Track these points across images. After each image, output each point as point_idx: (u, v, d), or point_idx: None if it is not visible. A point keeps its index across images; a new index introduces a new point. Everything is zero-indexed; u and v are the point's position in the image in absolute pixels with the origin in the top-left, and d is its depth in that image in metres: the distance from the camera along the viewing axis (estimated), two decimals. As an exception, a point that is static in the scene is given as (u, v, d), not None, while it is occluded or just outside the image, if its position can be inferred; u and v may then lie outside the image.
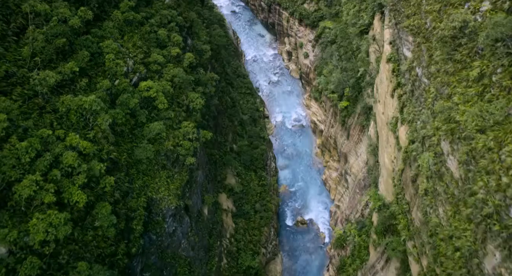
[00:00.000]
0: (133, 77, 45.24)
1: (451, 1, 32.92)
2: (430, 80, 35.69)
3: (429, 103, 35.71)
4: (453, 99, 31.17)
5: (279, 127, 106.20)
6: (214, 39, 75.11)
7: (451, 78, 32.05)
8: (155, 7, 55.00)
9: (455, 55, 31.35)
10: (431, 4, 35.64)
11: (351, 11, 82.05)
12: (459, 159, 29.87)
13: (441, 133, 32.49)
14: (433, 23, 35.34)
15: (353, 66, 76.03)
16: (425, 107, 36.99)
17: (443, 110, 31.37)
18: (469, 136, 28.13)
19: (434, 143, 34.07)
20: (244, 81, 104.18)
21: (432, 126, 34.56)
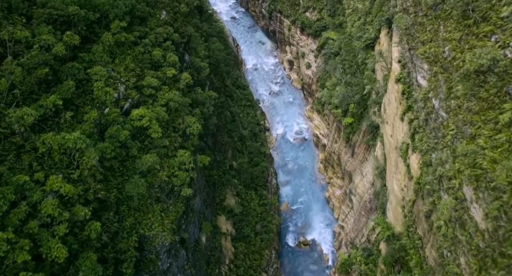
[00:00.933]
0: (125, 104, 41.91)
1: (474, 31, 29.59)
2: (449, 114, 32.36)
3: (448, 140, 32.36)
4: (478, 142, 27.84)
5: (280, 140, 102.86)
6: (213, 53, 71.82)
7: (475, 117, 28.71)
8: (150, 25, 51.68)
9: (480, 93, 28.03)
10: (450, 32, 32.33)
11: (356, 23, 78.73)
12: (486, 211, 26.57)
13: (463, 178, 29.17)
14: (452, 53, 32.01)
15: (358, 82, 72.71)
16: (442, 142, 33.66)
17: (467, 153, 28.03)
18: (500, 188, 24.82)
19: (455, 186, 30.74)
20: (244, 92, 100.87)
21: (452, 167, 31.23)
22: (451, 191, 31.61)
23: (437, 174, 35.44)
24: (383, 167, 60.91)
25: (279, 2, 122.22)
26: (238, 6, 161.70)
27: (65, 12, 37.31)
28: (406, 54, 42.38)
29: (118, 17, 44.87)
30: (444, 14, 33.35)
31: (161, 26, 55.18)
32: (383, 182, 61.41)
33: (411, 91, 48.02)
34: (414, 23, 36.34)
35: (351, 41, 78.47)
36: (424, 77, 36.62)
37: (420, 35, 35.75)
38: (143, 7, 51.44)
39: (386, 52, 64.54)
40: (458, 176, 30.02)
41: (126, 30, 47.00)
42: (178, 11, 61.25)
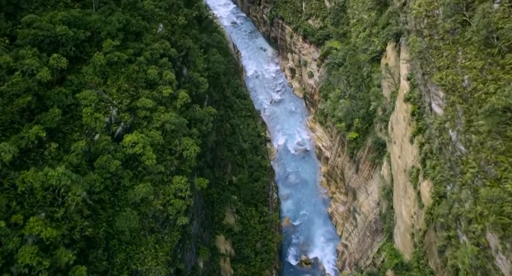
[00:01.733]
0: (117, 128, 39.07)
1: (498, 61, 26.79)
2: (469, 150, 29.53)
3: (467, 177, 29.51)
4: (505, 187, 25.04)
5: (281, 151, 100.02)
6: (212, 65, 69.01)
7: (500, 157, 25.90)
8: (146, 40, 48.84)
9: (507, 131, 25.23)
10: (470, 60, 29.54)
11: (361, 34, 75.90)
12: (514, 265, 23.80)
13: (487, 224, 26.38)
14: (473, 83, 29.20)
15: (364, 96, 69.90)
16: (461, 179, 30.81)
17: (492, 199, 25.21)
18: (532, 244, 22.05)
19: (476, 231, 27.92)
20: (244, 102, 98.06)
21: (473, 209, 28.40)
22: (471, 234, 28.80)
23: (454, 211, 32.63)
24: (390, 188, 58.09)
25: (281, 9, 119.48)
26: (239, 11, 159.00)
27: (52, 32, 34.47)
28: (418, 76, 39.57)
29: (111, 34, 42.03)
30: (463, 39, 30.56)
31: (158, 40, 52.39)
32: (389, 204, 58.59)
33: (422, 112, 45.30)
34: (429, 47, 33.57)
35: (355, 53, 75.67)
36: (440, 105, 33.82)
37: (436, 60, 32.94)
38: (139, 22, 48.64)
39: (393, 67, 61.78)
40: (481, 220, 27.20)
41: (120, 48, 44.17)
42: (176, 23, 58.47)
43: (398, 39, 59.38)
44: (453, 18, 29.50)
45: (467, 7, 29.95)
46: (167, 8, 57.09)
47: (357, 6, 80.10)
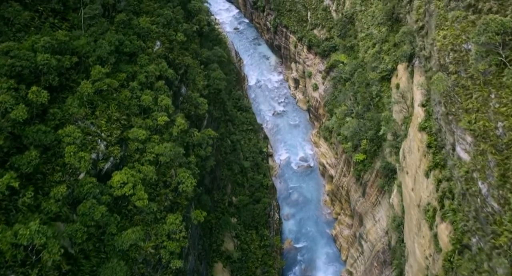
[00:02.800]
0: (105, 164, 35.32)
1: (544, 111, 22.96)
2: (505, 209, 25.74)
3: (502, 241, 25.71)
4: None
5: (283, 167, 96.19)
6: (213, 82, 65.21)
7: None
8: (141, 61, 45.05)
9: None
10: (506, 105, 25.77)
11: (370, 50, 72.01)
12: None
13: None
14: (509, 133, 25.39)
15: (372, 116, 66.04)
16: (493, 241, 27.00)
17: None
18: None
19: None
20: (246, 115, 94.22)
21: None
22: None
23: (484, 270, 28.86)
24: (401, 220, 54.28)
25: (285, 17, 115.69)
26: (242, 17, 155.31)
27: (32, 62, 30.73)
28: (440, 112, 35.72)
29: (102, 58, 38.25)
30: (497, 81, 26.76)
31: (154, 60, 48.64)
32: (400, 237, 54.77)
33: (440, 146, 41.54)
34: (455, 85, 29.78)
35: (364, 70, 71.80)
36: (466, 150, 30.00)
37: (463, 101, 29.13)
38: (133, 42, 44.87)
39: (405, 89, 57.96)
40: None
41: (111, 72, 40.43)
42: (175, 39, 54.70)
43: (411, 59, 55.58)
44: (488, 59, 25.67)
45: (503, 45, 26.14)
46: (165, 24, 53.33)
47: (366, 20, 76.25)
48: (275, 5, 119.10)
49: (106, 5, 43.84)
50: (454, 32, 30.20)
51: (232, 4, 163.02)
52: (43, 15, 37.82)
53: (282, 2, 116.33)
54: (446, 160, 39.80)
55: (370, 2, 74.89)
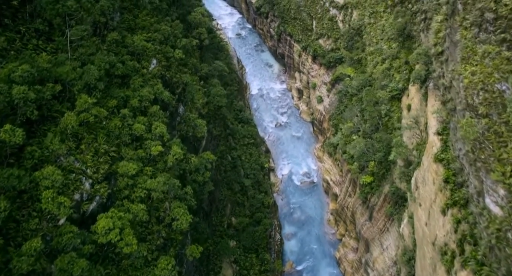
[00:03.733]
0: (89, 206, 31.76)
1: None
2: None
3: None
4: None
5: (285, 182, 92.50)
6: (213, 99, 61.62)
7: None
8: (134, 84, 41.50)
9: None
10: (550, 161, 22.19)
11: (379, 66, 68.34)
12: None
13: None
14: (555, 195, 21.78)
15: (381, 137, 62.35)
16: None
17: None
18: None
19: None
20: (248, 129, 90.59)
21: None
22: None
23: None
24: (412, 254, 50.62)
25: (290, 25, 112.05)
26: (245, 22, 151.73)
27: (5, 96, 27.19)
28: (464, 154, 32.09)
29: (89, 84, 34.68)
30: (538, 130, 23.17)
31: (150, 80, 45.11)
32: (411, 273, 51.10)
33: (460, 184, 37.94)
34: (486, 129, 26.19)
35: (373, 88, 68.10)
36: (499, 204, 26.38)
37: (496, 149, 25.51)
38: (126, 62, 41.34)
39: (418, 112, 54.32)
40: None
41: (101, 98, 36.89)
42: (172, 56, 51.14)
43: (425, 80, 51.92)
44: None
45: (547, 90, 22.53)
46: (162, 40, 49.82)
47: (374, 33, 72.59)
48: (279, 12, 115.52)
49: (97, 23, 40.27)
50: (485, 69, 26.56)
51: (235, 9, 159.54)
52: (25, 37, 34.26)
53: (286, 10, 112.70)
54: (467, 200, 36.30)
55: (379, 15, 71.21)
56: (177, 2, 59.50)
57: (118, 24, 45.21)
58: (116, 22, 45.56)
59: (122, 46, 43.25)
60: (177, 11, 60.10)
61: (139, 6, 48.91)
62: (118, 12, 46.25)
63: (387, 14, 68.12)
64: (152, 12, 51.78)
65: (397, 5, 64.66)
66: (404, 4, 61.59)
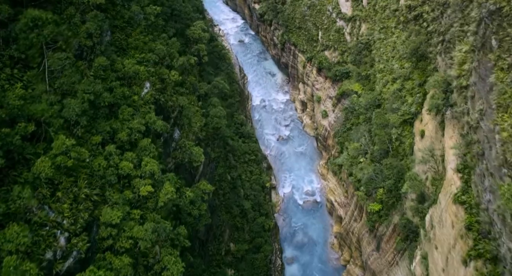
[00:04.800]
0: (64, 264, 27.69)
1: None
2: None
3: None
4: None
5: (287, 201, 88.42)
6: (211, 121, 57.55)
7: None
8: (123, 114, 37.46)
9: None
10: None
11: (390, 86, 64.17)
12: None
13: None
14: None
15: (391, 164, 58.18)
16: None
17: None
18: None
19: None
20: (249, 144, 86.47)
21: None
22: None
23: None
24: (426, 298, 46.53)
25: (294, 34, 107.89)
26: (248, 28, 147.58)
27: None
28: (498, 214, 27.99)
29: (71, 121, 30.65)
30: None
31: (141, 107, 41.08)
32: (424, 317, 47.02)
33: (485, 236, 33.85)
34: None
35: (382, 110, 63.92)
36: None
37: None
38: (115, 90, 37.35)
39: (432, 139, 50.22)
40: None
41: (85, 132, 32.87)
42: (168, 78, 47.10)
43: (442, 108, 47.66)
44: None
45: None
46: (157, 61, 45.75)
47: (385, 50, 68.38)
48: (283, 21, 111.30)
49: (83, 47, 36.24)
50: (529, 123, 22.51)
51: (238, 14, 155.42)
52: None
53: (291, 18, 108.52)
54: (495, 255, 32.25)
55: (390, 31, 67.00)
56: (175, 17, 55.43)
57: (108, 45, 41.14)
58: (106, 42, 41.51)
59: (112, 70, 39.19)
60: (175, 25, 56.06)
61: (132, 24, 44.83)
62: (108, 31, 42.21)
63: (399, 30, 63.93)
64: (146, 30, 47.73)
65: (409, 22, 60.53)
66: (418, 22, 57.41)
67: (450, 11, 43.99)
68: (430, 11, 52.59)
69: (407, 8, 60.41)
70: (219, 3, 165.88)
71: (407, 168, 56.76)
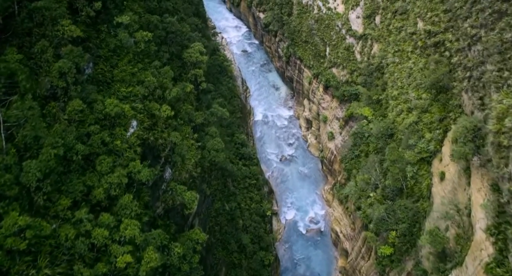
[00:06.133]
0: None
1: None
2: None
3: None
4: None
5: (289, 228, 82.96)
6: (208, 154, 52.11)
7: None
8: (101, 167, 32.02)
9: None
10: None
11: (404, 115, 58.64)
12: None
13: None
14: None
15: (406, 206, 52.69)
16: None
17: None
18: None
19: None
20: (251, 168, 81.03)
21: None
22: None
23: None
24: None
25: (300, 48, 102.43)
26: (252, 37, 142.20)
27: None
28: None
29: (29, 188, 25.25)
30: None
31: (125, 151, 35.68)
32: None
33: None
34: None
35: (396, 142, 58.35)
36: None
37: None
38: (93, 137, 31.97)
39: (454, 185, 44.66)
40: None
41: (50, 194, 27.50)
42: (158, 113, 41.70)
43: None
44: None
45: None
46: (146, 95, 40.37)
47: (399, 75, 62.77)
48: (289, 33, 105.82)
49: (55, 87, 30.90)
50: None
51: (242, 22, 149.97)
52: None
53: (297, 31, 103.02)
54: None
55: (406, 55, 61.38)
56: (169, 40, 50.06)
57: (88, 80, 35.83)
58: (87, 76, 36.20)
59: (91, 112, 33.85)
60: (170, 49, 50.71)
61: (119, 53, 39.48)
62: (90, 62, 36.90)
63: (416, 56, 58.33)
64: (136, 58, 42.36)
65: (428, 48, 54.95)
66: (439, 50, 51.83)
67: (481, 47, 38.44)
68: (454, 41, 47.02)
69: (426, 33, 54.85)
70: (222, 8, 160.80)
71: (424, 211, 51.38)
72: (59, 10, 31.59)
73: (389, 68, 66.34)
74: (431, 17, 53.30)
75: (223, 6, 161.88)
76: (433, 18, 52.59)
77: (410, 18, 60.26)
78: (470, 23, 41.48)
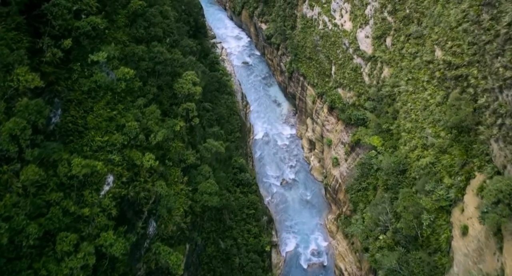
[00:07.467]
0: None
1: None
2: None
3: None
4: None
5: (290, 261, 77.14)
6: (200, 198, 46.35)
7: None
8: (62, 246, 26.27)
9: None
10: None
11: (418, 152, 52.83)
12: None
13: None
14: None
15: (422, 258, 46.89)
16: None
17: None
18: None
19: None
20: (249, 197, 75.31)
21: None
22: None
23: None
24: None
25: (304, 64, 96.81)
26: (253, 48, 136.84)
27: None
28: None
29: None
30: None
31: (97, 216, 30.03)
32: None
33: None
34: None
35: (410, 185, 52.58)
36: None
37: None
38: (52, 209, 26.33)
39: (481, 244, 38.91)
40: None
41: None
42: (141, 163, 36.00)
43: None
44: None
45: None
46: (127, 143, 34.71)
47: (413, 106, 56.93)
48: (292, 48, 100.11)
49: (5, 152, 25.26)
50: None
51: (243, 32, 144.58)
52: None
53: (301, 46, 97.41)
54: None
55: (421, 85, 55.57)
56: (157, 72, 44.38)
57: (55, 129, 30.24)
58: (54, 126, 30.61)
59: (53, 175, 28.20)
60: (158, 81, 45.07)
61: (94, 96, 33.83)
62: (59, 109, 31.32)
63: (433, 87, 52.50)
64: (117, 97, 36.73)
65: (447, 80, 49.14)
66: (461, 84, 45.97)
67: (518, 94, 32.72)
68: (481, 79, 41.20)
69: (445, 64, 49.05)
70: (222, 14, 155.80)
71: (442, 267, 45.60)
72: (15, 54, 25.93)
73: (401, 96, 60.54)
74: (452, 47, 47.50)
75: (223, 13, 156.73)
76: (455, 49, 46.79)
77: (427, 44, 54.45)
78: (502, 63, 35.70)
